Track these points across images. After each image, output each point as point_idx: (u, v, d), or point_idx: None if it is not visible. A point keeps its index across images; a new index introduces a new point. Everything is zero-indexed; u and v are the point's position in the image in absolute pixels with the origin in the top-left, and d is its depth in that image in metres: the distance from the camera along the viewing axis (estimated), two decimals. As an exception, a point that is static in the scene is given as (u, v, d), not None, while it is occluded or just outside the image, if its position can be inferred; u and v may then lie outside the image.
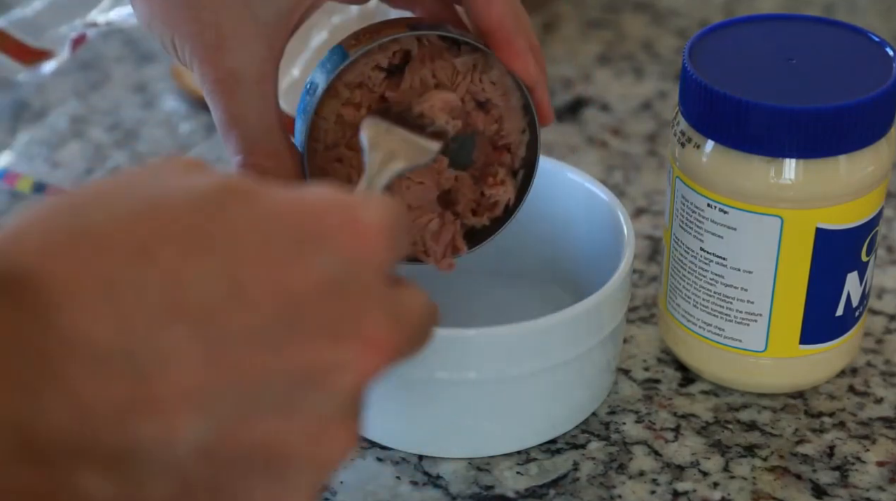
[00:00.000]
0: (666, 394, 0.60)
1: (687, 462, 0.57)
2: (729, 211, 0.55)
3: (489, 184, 0.56)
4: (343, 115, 0.53)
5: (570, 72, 0.85)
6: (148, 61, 0.86)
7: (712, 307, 0.58)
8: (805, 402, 0.60)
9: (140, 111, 0.81)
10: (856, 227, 0.56)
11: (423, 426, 0.56)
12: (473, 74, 0.54)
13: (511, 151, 0.56)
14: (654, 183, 0.75)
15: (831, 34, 0.58)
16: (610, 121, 0.81)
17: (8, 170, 0.73)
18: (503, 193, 0.56)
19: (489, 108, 0.55)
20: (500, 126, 0.55)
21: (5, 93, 0.82)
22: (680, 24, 0.91)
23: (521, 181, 0.56)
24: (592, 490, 0.55)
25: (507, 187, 0.56)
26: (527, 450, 0.57)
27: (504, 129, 0.55)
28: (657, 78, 0.85)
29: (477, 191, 0.56)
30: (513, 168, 0.56)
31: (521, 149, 0.56)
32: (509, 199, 0.56)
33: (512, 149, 0.56)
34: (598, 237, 0.61)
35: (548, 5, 0.92)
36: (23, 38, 0.74)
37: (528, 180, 0.56)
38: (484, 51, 0.53)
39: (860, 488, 0.55)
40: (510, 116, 0.55)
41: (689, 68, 0.55)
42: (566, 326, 0.54)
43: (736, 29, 0.58)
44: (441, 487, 0.55)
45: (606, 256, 0.59)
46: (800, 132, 0.53)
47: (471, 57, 0.54)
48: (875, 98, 0.53)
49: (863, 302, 0.59)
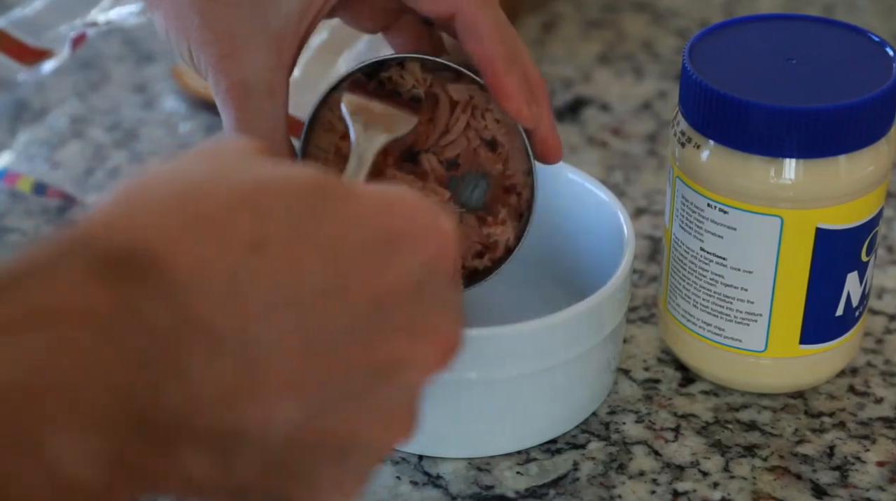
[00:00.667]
0: (666, 394, 0.60)
1: (687, 462, 0.57)
2: (729, 211, 0.55)
3: (488, 223, 0.55)
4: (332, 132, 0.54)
5: (570, 72, 0.85)
6: (148, 61, 0.86)
7: (712, 307, 0.58)
8: (805, 402, 0.60)
9: (140, 111, 0.81)
10: (856, 227, 0.56)
11: (422, 426, 0.56)
12: (474, 111, 0.54)
13: (517, 192, 0.55)
14: (654, 183, 0.75)
15: (831, 34, 0.58)
16: (610, 121, 0.81)
17: (8, 170, 0.73)
18: (502, 233, 0.56)
19: (497, 148, 0.55)
20: (505, 167, 0.55)
21: (5, 93, 0.82)
22: (680, 24, 0.91)
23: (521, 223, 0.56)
24: (592, 490, 0.55)
25: (507, 227, 0.55)
26: (527, 450, 0.57)
27: (510, 170, 0.55)
28: (657, 78, 0.85)
29: (482, 234, 0.56)
30: (518, 210, 0.56)
31: (527, 191, 0.55)
32: (508, 239, 0.56)
33: (518, 190, 0.55)
34: (599, 237, 0.61)
35: (548, 5, 0.92)
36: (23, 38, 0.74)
37: (527, 222, 0.56)
38: (481, 85, 0.53)
39: (860, 488, 0.55)
40: (515, 157, 0.55)
41: (689, 68, 0.55)
42: (566, 326, 0.54)
43: (736, 29, 0.58)
44: (441, 487, 0.55)
45: (606, 256, 0.59)
46: (800, 132, 0.53)
47: (466, 87, 0.54)
48: (875, 98, 0.53)
49: (863, 302, 0.59)
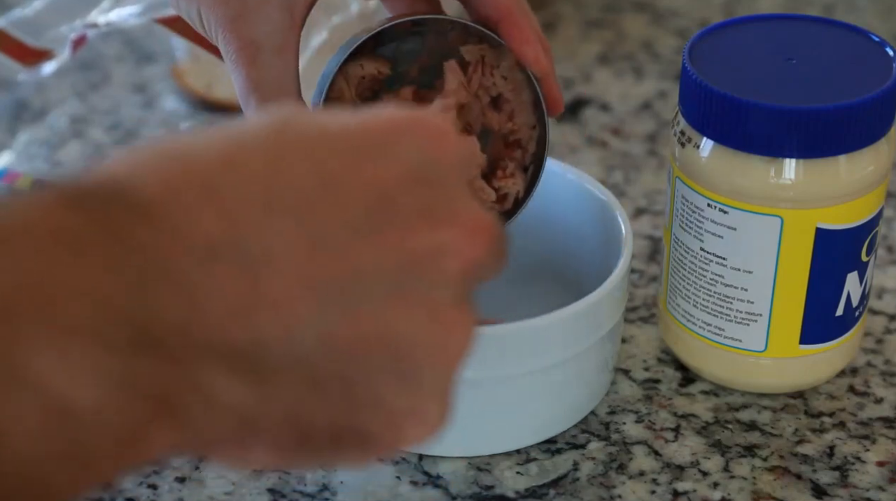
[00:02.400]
0: (666, 394, 0.60)
1: (687, 462, 0.57)
2: (729, 211, 0.55)
3: (498, 177, 0.56)
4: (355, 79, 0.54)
5: (570, 72, 0.85)
6: (148, 61, 0.86)
7: (712, 307, 0.58)
8: (805, 402, 0.60)
9: (140, 111, 0.81)
10: (856, 227, 0.56)
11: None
12: (484, 68, 0.54)
13: (522, 147, 0.56)
14: (654, 183, 0.75)
15: (831, 34, 0.58)
16: (610, 121, 0.81)
17: (8, 170, 0.73)
18: (512, 186, 0.56)
19: (501, 104, 0.55)
20: (511, 122, 0.55)
21: (5, 93, 0.82)
22: (680, 24, 0.91)
23: (529, 176, 0.57)
24: (592, 490, 0.55)
25: (517, 180, 0.56)
26: (527, 450, 0.57)
27: (515, 125, 0.55)
28: (657, 78, 0.85)
29: (493, 188, 0.56)
30: (523, 163, 0.56)
31: (532, 144, 0.56)
32: (518, 192, 0.56)
33: (523, 145, 0.56)
34: (597, 237, 0.61)
35: (548, 5, 0.92)
36: (23, 38, 0.74)
37: (537, 174, 0.56)
38: (492, 42, 0.54)
39: (860, 488, 0.55)
40: (521, 111, 0.55)
41: (689, 68, 0.55)
42: (564, 325, 0.54)
43: (736, 29, 0.58)
44: (441, 487, 0.55)
45: (605, 256, 0.59)
46: (800, 132, 0.53)
47: (477, 47, 0.54)
48: (875, 98, 0.53)
49: (863, 302, 0.59)
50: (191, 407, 0.32)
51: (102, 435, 0.30)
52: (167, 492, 0.55)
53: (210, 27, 0.52)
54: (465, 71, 0.55)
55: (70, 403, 0.30)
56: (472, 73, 0.55)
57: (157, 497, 0.55)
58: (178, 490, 0.55)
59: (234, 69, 0.51)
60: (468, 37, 0.55)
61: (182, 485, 0.55)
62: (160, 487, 0.55)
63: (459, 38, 0.55)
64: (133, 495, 0.55)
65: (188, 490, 0.55)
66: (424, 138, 0.37)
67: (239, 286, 0.33)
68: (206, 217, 0.33)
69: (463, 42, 0.55)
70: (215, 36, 0.52)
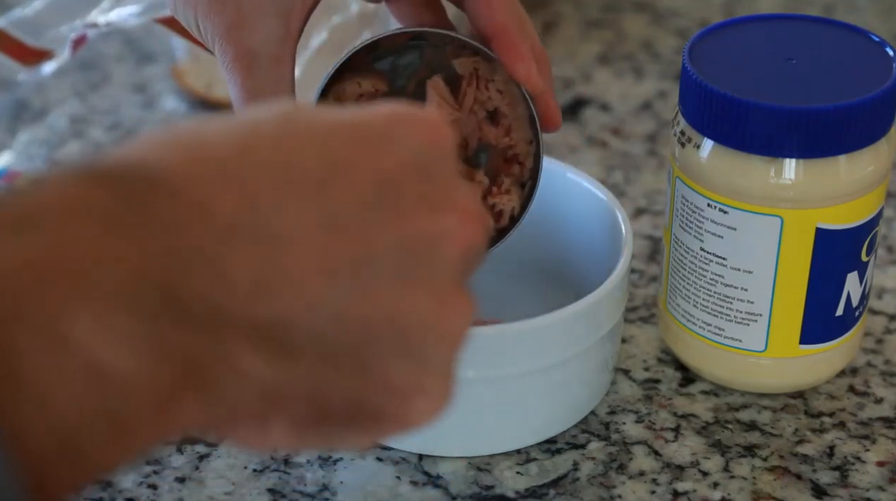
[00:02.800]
0: (666, 394, 0.60)
1: (687, 462, 0.57)
2: (729, 211, 0.55)
3: (493, 193, 0.56)
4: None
5: (570, 72, 0.85)
6: (148, 61, 0.86)
7: (712, 307, 0.58)
8: (805, 402, 0.60)
9: (140, 111, 0.81)
10: (856, 227, 0.56)
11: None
12: (479, 82, 0.54)
13: (520, 162, 0.56)
14: (654, 183, 0.75)
15: (831, 34, 0.58)
16: (610, 121, 0.81)
17: (8, 170, 0.73)
18: (507, 202, 0.56)
19: (499, 119, 0.55)
20: (509, 137, 0.55)
21: (5, 93, 0.82)
22: (680, 24, 0.91)
23: (526, 192, 0.56)
24: (592, 490, 0.55)
25: (512, 196, 0.56)
26: (527, 450, 0.57)
27: (513, 140, 0.55)
28: (657, 78, 0.85)
29: (487, 205, 0.56)
30: (520, 179, 0.56)
31: (529, 160, 0.56)
32: (514, 208, 0.56)
33: (520, 160, 0.56)
34: (597, 237, 0.61)
35: (548, 5, 0.92)
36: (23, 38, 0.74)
37: (532, 190, 0.56)
38: (486, 55, 0.53)
39: (860, 488, 0.55)
40: (518, 126, 0.55)
41: (689, 68, 0.55)
42: (564, 325, 0.54)
43: (736, 29, 0.58)
44: (441, 487, 0.55)
45: (605, 256, 0.59)
46: (800, 132, 0.53)
47: (470, 60, 0.54)
48: (875, 98, 0.53)
49: (863, 302, 0.59)
50: (218, 378, 0.34)
51: (136, 400, 0.31)
52: (167, 492, 0.55)
53: (207, 35, 0.52)
54: (458, 85, 0.55)
55: (107, 368, 0.31)
56: (465, 86, 0.54)
57: (157, 497, 0.55)
58: (178, 490, 0.55)
59: (230, 78, 0.52)
60: (463, 50, 0.54)
61: (182, 485, 0.55)
62: (160, 487, 0.55)
63: (455, 52, 0.54)
64: (133, 495, 0.55)
65: (188, 490, 0.55)
66: (421, 130, 0.39)
67: (261, 263, 0.34)
68: (227, 198, 0.34)
69: (456, 55, 0.54)
70: (212, 44, 0.52)
